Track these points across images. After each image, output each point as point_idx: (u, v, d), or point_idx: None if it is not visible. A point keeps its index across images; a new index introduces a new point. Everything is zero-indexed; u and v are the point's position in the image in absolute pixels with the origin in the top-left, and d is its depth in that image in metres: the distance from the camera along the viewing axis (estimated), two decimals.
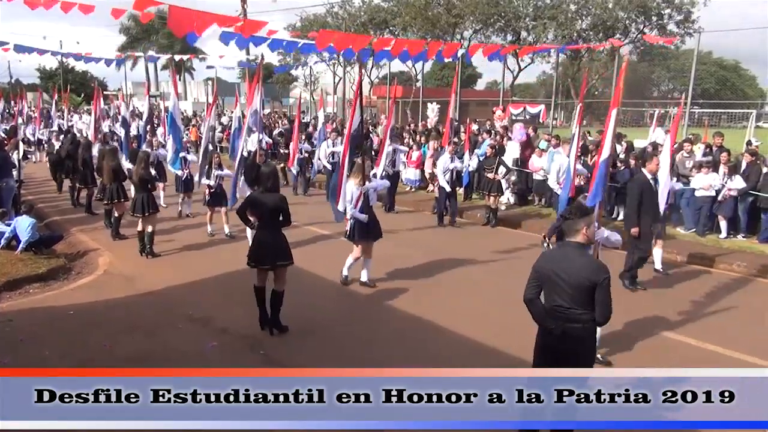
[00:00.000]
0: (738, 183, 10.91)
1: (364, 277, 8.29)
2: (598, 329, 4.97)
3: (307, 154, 16.23)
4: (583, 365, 3.94)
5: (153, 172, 12.69)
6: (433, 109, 22.27)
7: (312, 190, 16.29)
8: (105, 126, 20.90)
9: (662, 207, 8.59)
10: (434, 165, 14.62)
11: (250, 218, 6.77)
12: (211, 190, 10.87)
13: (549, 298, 4.13)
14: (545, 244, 10.60)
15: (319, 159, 15.09)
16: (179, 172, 12.49)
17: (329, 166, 14.64)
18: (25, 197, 13.01)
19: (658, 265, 9.17)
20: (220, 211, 11.02)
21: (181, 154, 12.43)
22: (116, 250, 10.20)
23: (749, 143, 14.55)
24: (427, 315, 7.25)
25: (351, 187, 8.00)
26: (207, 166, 10.97)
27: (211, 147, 13.06)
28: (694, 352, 6.38)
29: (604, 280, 3.91)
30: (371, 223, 8.07)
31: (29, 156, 17.19)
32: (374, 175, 8.44)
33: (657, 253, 9.10)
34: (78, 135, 17.69)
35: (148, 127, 15.09)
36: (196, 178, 11.10)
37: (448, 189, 12.10)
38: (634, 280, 8.40)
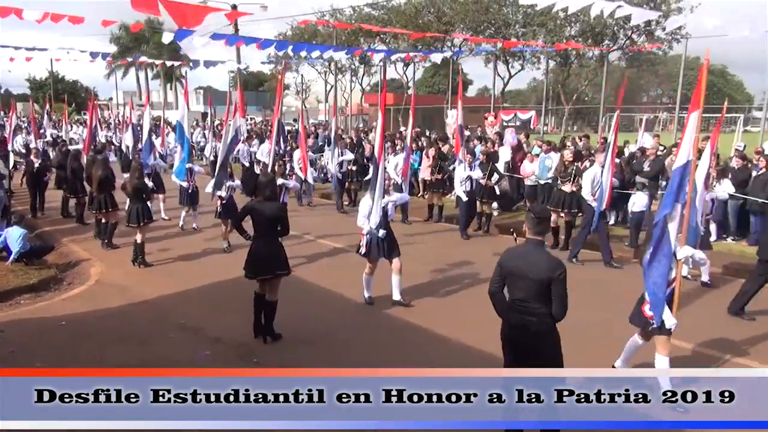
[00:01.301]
0: (727, 187, 10.97)
1: (396, 296, 7.82)
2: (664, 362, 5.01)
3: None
4: (546, 359, 4.08)
5: (150, 183, 12.35)
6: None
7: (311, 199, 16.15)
8: (102, 136, 20.86)
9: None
10: (432, 173, 14.62)
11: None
12: (223, 202, 10.44)
13: (511, 292, 4.34)
14: (515, 240, 10.63)
15: (325, 167, 15.10)
16: (184, 184, 11.88)
17: (339, 176, 14.59)
18: (15, 208, 12.91)
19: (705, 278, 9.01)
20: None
21: (187, 165, 11.90)
22: (108, 259, 10.13)
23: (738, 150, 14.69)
24: (425, 322, 7.22)
25: (367, 201, 7.59)
26: (227, 179, 10.36)
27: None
28: (689, 355, 6.39)
29: (560, 274, 4.10)
30: (389, 239, 7.64)
31: (18, 167, 17.02)
32: (395, 187, 8.06)
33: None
34: (67, 144, 17.57)
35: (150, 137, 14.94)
36: (207, 189, 10.43)
37: (464, 198, 11.64)
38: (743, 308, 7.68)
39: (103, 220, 10.91)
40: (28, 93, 57.49)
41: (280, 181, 9.28)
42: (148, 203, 9.95)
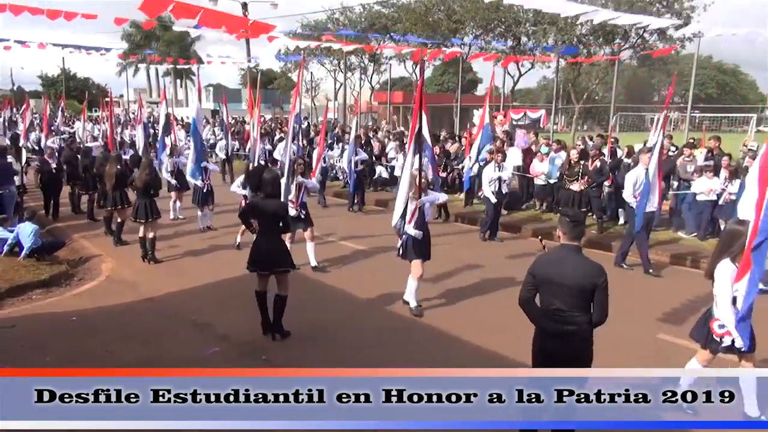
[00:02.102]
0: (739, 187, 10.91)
1: (411, 301, 7.57)
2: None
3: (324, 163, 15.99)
4: (583, 366, 3.95)
5: (173, 180, 12.58)
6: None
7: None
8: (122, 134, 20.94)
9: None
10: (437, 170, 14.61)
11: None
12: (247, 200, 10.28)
13: (546, 301, 4.13)
14: (543, 248, 10.59)
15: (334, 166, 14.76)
16: (199, 183, 11.67)
17: (355, 175, 14.38)
18: (27, 204, 13.05)
19: None
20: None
21: (202, 164, 11.72)
22: (118, 256, 10.23)
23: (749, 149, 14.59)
24: (433, 321, 7.25)
25: (401, 202, 7.38)
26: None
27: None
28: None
29: (603, 281, 3.94)
30: (425, 240, 7.41)
31: (31, 163, 17.15)
32: (431, 186, 7.70)
33: None
34: (78, 141, 17.68)
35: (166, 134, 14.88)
36: (233, 188, 10.27)
37: (493, 200, 11.26)
38: None
39: (119, 219, 11.01)
40: (40, 90, 57.98)
41: (299, 179, 9.07)
42: (178, 201, 9.82)
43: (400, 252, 7.50)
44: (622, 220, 12.70)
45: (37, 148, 19.84)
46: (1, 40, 18.94)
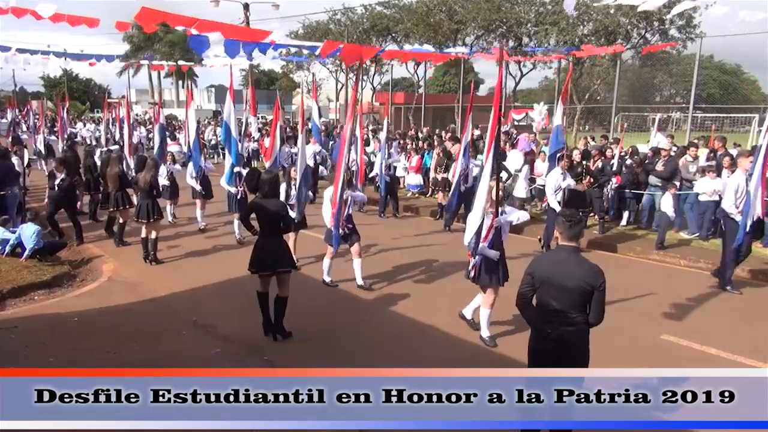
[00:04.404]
0: None
1: (484, 331, 6.68)
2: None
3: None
4: (579, 367, 3.95)
5: (199, 187, 11.86)
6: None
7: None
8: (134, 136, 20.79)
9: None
10: (436, 171, 14.62)
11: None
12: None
13: (543, 301, 4.11)
14: (542, 248, 10.55)
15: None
16: (233, 189, 10.95)
17: (387, 179, 13.71)
18: (30, 204, 13.07)
19: None
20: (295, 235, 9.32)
21: (236, 169, 10.92)
22: (120, 256, 10.25)
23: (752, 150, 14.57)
24: (433, 321, 7.26)
25: (477, 216, 6.32)
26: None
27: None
28: (694, 355, 6.38)
29: (601, 284, 3.94)
30: (501, 262, 6.52)
31: (32, 164, 17.17)
32: (509, 198, 6.86)
33: None
34: (80, 142, 17.69)
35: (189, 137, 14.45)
36: (223, 185, 10.14)
37: (558, 210, 9.79)
38: None
39: (121, 220, 11.02)
40: (42, 91, 58.17)
41: (346, 193, 8.08)
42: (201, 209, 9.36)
43: (472, 275, 6.63)
44: (624, 221, 12.72)
45: (44, 151, 19.84)
46: (3, 48, 18.96)
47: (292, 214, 8.61)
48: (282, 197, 8.63)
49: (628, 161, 13.31)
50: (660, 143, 14.58)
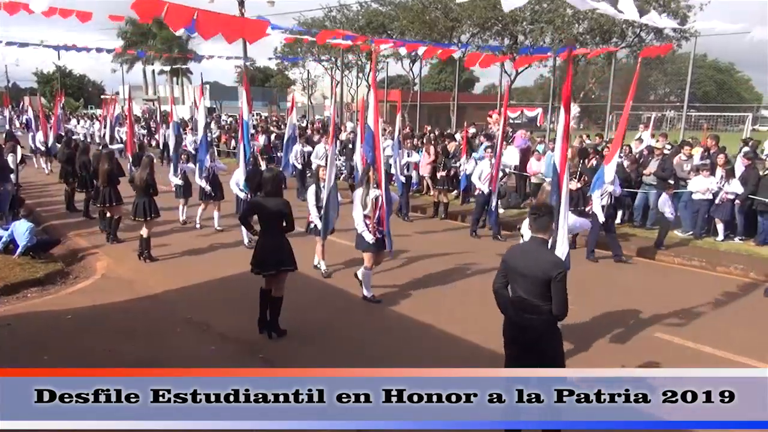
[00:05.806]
0: (735, 186, 10.92)
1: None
2: None
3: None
4: (548, 359, 4.07)
5: (208, 187, 11.57)
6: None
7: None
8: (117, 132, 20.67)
9: None
10: (435, 169, 14.57)
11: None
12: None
13: (513, 289, 4.33)
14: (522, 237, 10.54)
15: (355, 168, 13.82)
16: (242, 195, 10.69)
17: (403, 179, 12.97)
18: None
19: None
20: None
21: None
22: (114, 253, 10.19)
23: (747, 142, 14.70)
24: (433, 321, 7.24)
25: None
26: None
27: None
28: (691, 354, 6.39)
29: (558, 275, 4.07)
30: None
31: (26, 161, 17.05)
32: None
33: None
34: (75, 138, 17.56)
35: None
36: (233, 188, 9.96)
37: (602, 218, 9.44)
38: None
39: (108, 214, 10.99)
40: (35, 87, 57.78)
41: (375, 192, 7.69)
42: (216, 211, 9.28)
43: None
44: (618, 219, 12.72)
45: (44, 148, 19.69)
46: None
47: (318, 224, 8.43)
48: (312, 199, 8.65)
49: (625, 163, 13.32)
50: (645, 141, 14.71)
